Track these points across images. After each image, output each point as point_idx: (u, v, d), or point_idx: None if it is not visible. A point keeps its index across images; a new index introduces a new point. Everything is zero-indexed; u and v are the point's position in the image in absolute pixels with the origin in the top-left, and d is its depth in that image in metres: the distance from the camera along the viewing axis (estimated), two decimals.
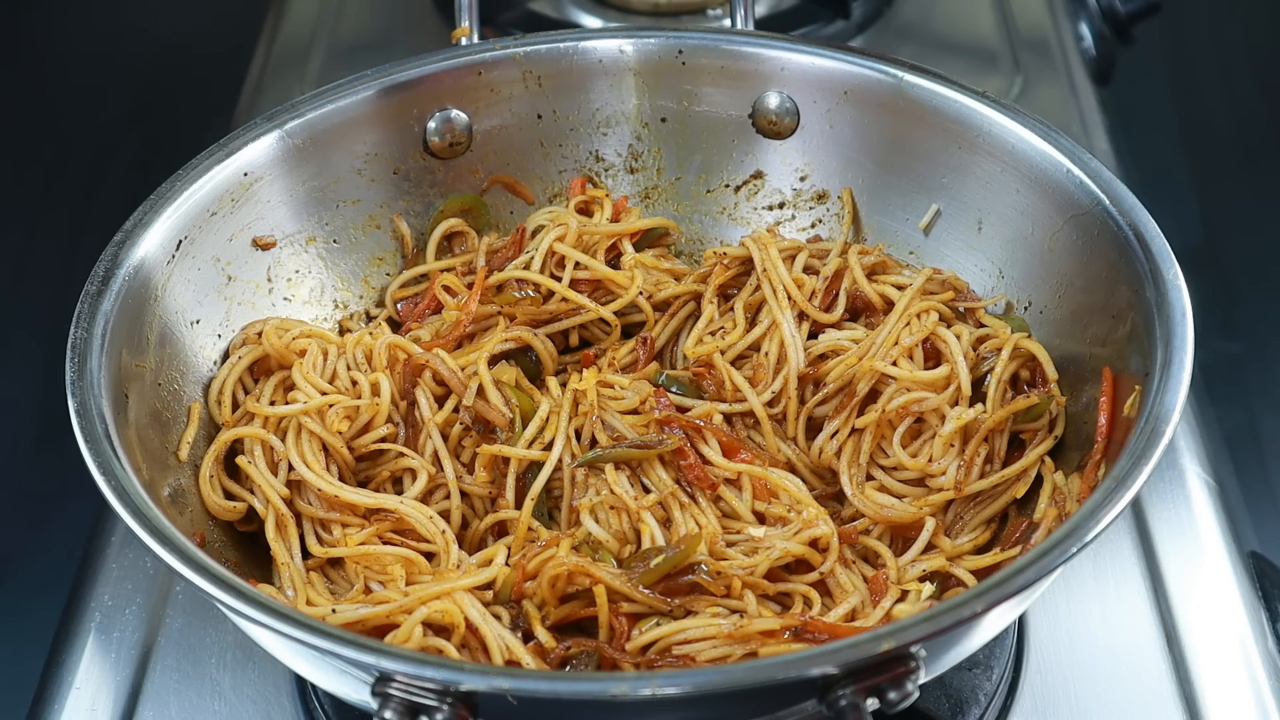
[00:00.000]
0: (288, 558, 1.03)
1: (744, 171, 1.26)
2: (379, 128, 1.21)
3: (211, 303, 1.12)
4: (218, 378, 1.10)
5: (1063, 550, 0.82)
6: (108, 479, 0.89)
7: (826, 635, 0.92)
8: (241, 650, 1.10)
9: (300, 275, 1.19)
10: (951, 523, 1.05)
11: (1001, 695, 1.06)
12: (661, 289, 1.19)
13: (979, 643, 0.91)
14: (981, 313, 1.13)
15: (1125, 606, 1.12)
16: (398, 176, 1.23)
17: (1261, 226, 1.86)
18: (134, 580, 1.16)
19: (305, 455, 1.05)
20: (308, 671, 0.90)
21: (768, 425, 1.09)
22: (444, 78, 1.21)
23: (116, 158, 1.90)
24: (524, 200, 1.27)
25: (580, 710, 0.82)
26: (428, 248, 1.23)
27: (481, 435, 1.08)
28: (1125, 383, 0.98)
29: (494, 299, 1.17)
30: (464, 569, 1.01)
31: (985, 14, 1.75)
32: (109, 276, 1.02)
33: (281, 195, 1.17)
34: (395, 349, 1.12)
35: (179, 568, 0.84)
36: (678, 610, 0.97)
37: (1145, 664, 1.08)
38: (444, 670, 0.77)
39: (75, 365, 0.96)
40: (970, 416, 1.04)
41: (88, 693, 1.09)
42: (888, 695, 0.78)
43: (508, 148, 1.25)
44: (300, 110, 1.17)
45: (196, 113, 1.85)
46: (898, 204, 1.20)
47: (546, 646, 0.95)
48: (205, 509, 1.04)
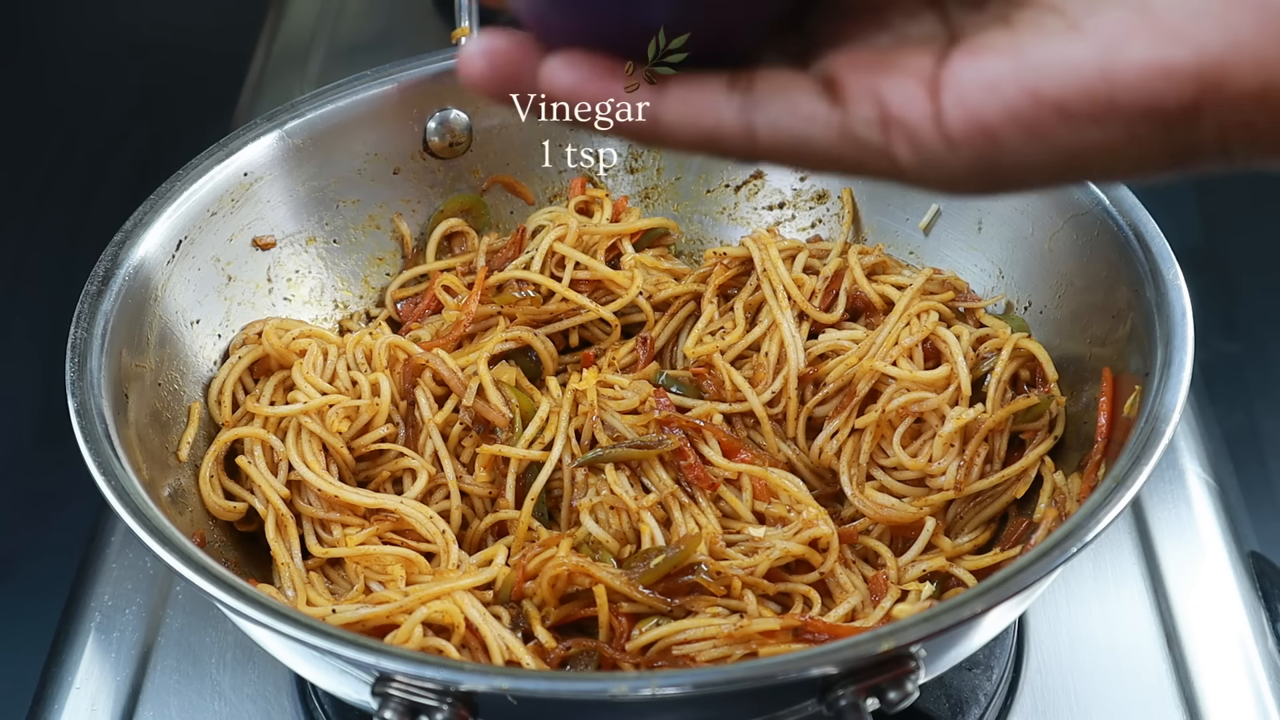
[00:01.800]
0: (288, 558, 1.03)
1: (744, 171, 1.26)
2: (379, 128, 1.21)
3: (211, 303, 1.12)
4: (218, 378, 1.10)
5: (1063, 550, 0.82)
6: (108, 479, 0.89)
7: (826, 635, 0.92)
8: (242, 650, 1.10)
9: (300, 275, 1.19)
10: (951, 523, 1.05)
11: (1001, 695, 1.06)
12: (661, 289, 1.19)
13: (979, 643, 0.91)
14: (981, 313, 1.13)
15: (1125, 606, 1.12)
16: (398, 176, 1.23)
17: (1261, 226, 1.86)
18: (134, 580, 1.16)
19: (305, 455, 1.05)
20: (307, 671, 0.90)
21: (768, 425, 1.09)
22: (444, 78, 1.21)
23: (116, 158, 1.90)
24: (524, 200, 1.27)
25: (580, 710, 0.82)
26: (428, 248, 1.23)
27: (481, 435, 1.08)
28: (1125, 383, 0.98)
29: (494, 299, 1.17)
30: (464, 569, 1.01)
31: None
32: (109, 276, 1.02)
33: (281, 195, 1.17)
34: (395, 349, 1.12)
35: (179, 568, 0.84)
36: (678, 610, 0.97)
37: (1145, 664, 1.08)
38: (444, 670, 0.77)
39: (75, 365, 0.96)
40: (970, 416, 1.04)
41: (87, 693, 1.09)
42: (888, 695, 0.78)
43: (508, 148, 1.25)
44: (300, 110, 1.17)
45: (196, 112, 1.85)
46: (898, 204, 1.20)
47: (546, 646, 0.95)
48: (205, 509, 1.04)
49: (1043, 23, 0.51)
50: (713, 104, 0.54)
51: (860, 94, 0.53)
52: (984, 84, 0.51)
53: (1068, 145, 0.51)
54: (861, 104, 0.53)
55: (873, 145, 0.53)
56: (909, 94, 0.52)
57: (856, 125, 0.53)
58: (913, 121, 0.52)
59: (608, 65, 0.54)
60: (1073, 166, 0.51)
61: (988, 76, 0.51)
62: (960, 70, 0.51)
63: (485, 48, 0.55)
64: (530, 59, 0.55)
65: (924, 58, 0.53)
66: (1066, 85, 0.50)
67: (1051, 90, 0.50)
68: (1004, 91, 0.50)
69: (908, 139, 0.52)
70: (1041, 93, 0.50)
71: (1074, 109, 0.50)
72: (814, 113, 0.53)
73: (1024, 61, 0.50)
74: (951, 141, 0.51)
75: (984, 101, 0.51)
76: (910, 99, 0.52)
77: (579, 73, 0.54)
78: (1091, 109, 0.50)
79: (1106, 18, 0.50)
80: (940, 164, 0.52)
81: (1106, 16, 0.50)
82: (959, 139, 0.51)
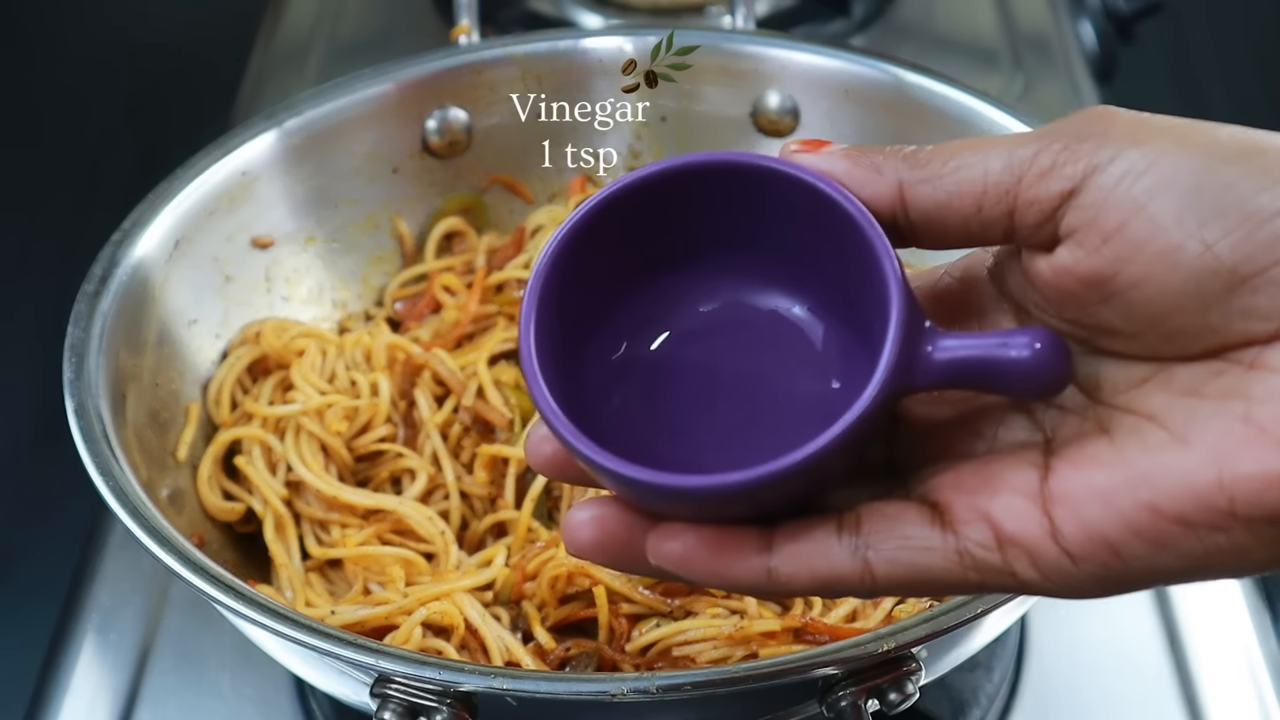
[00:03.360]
0: (286, 559, 1.02)
1: None
2: (378, 127, 1.20)
3: (210, 302, 1.12)
4: (216, 378, 1.10)
5: None
6: (106, 479, 0.89)
7: (827, 636, 0.92)
8: (240, 651, 1.10)
9: (299, 275, 1.18)
10: None
11: (1003, 696, 1.06)
12: None
13: (980, 643, 0.91)
14: None
15: (1127, 606, 1.12)
16: (397, 176, 1.22)
17: None
18: (132, 581, 1.15)
19: (304, 456, 1.05)
20: (306, 673, 0.90)
21: None
22: (443, 76, 1.21)
23: (113, 157, 1.90)
24: (524, 200, 1.26)
25: (580, 711, 0.81)
26: (427, 247, 1.22)
27: (481, 435, 1.08)
28: None
29: (494, 299, 1.16)
30: (463, 570, 1.01)
31: (986, 12, 1.75)
32: (107, 276, 1.02)
33: (280, 194, 1.16)
34: (394, 349, 1.11)
35: (177, 568, 0.83)
36: (678, 611, 0.97)
37: (1147, 665, 1.08)
38: (443, 671, 0.77)
39: (73, 365, 0.96)
40: None
41: (85, 694, 1.09)
42: (888, 696, 0.78)
43: (507, 147, 1.25)
44: (299, 109, 1.17)
45: (194, 112, 1.85)
46: None
47: (546, 647, 0.95)
48: (203, 509, 1.04)
49: (1144, 433, 0.52)
50: (825, 551, 0.54)
51: (969, 517, 0.53)
52: (1098, 499, 0.51)
53: (1194, 552, 0.50)
54: (973, 527, 0.53)
55: (992, 566, 0.52)
56: (1020, 512, 0.52)
57: (972, 549, 0.52)
58: (1030, 541, 0.52)
59: (717, 537, 0.54)
60: (1201, 568, 0.51)
61: (1099, 491, 0.51)
62: (1069, 486, 0.51)
63: (594, 516, 0.57)
64: (638, 532, 0.56)
65: (1026, 470, 0.53)
66: (1183, 499, 0.50)
67: (1169, 505, 0.50)
68: (1120, 507, 0.50)
69: (1028, 557, 0.52)
70: (1159, 507, 0.50)
71: (1195, 520, 0.50)
72: (928, 543, 0.53)
73: (1134, 474, 0.50)
74: (1073, 556, 0.51)
75: (1101, 517, 0.51)
76: (1023, 518, 0.52)
77: (687, 546, 0.55)
78: (1213, 519, 0.49)
79: (1213, 430, 0.50)
80: (1064, 577, 0.52)
81: (1212, 428, 0.50)
82: (1080, 554, 0.51)
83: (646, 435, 0.59)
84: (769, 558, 0.54)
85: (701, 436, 0.59)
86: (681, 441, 0.58)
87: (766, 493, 0.53)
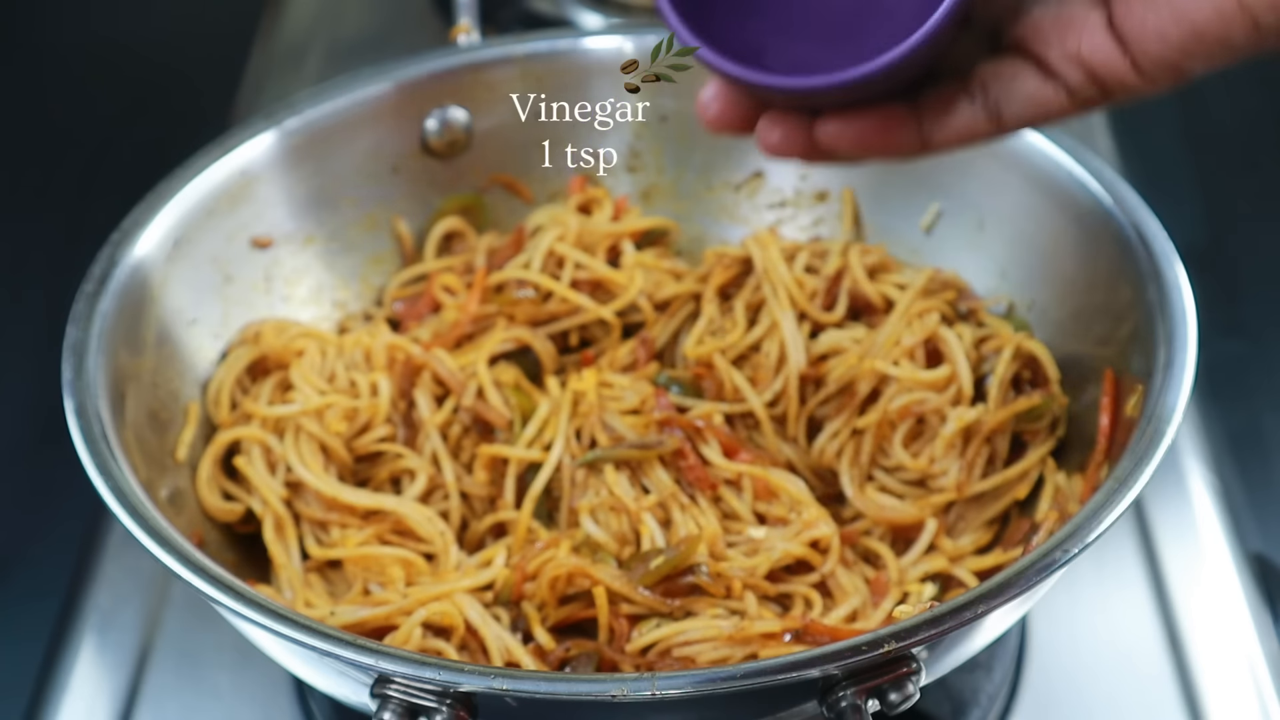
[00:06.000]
0: (286, 559, 1.02)
1: (744, 171, 1.25)
2: (378, 126, 1.20)
3: (209, 302, 1.11)
4: (215, 378, 1.09)
5: (1064, 551, 0.81)
6: (105, 480, 0.89)
7: (827, 637, 0.92)
8: (240, 652, 1.09)
9: (299, 275, 1.18)
10: (953, 524, 1.05)
11: (1003, 696, 1.06)
12: (661, 289, 1.18)
13: (981, 644, 0.91)
14: (983, 313, 1.12)
15: (1127, 607, 1.12)
16: (397, 176, 1.22)
17: (1265, 225, 1.85)
18: (131, 581, 1.15)
19: (304, 456, 1.05)
20: (306, 673, 0.90)
21: (768, 426, 1.09)
22: (443, 76, 1.21)
23: (113, 157, 1.90)
24: (524, 200, 1.26)
25: (580, 711, 0.81)
26: (426, 247, 1.22)
27: (481, 436, 1.08)
28: (1127, 383, 0.98)
29: (493, 299, 1.16)
30: (463, 570, 1.01)
31: None
32: (106, 276, 1.02)
33: (280, 194, 1.16)
34: (394, 349, 1.11)
35: (177, 568, 0.83)
36: (678, 611, 0.97)
37: (1148, 666, 1.08)
38: (443, 671, 0.77)
39: (73, 365, 0.96)
40: (972, 417, 1.03)
41: (85, 694, 1.08)
42: (889, 697, 0.78)
43: (507, 147, 1.25)
44: (298, 109, 1.16)
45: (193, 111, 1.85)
46: (899, 203, 1.20)
47: (546, 648, 0.95)
48: (203, 510, 1.04)
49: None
50: (968, 117, 0.69)
51: (1066, 67, 0.66)
52: (1152, 36, 0.64)
53: (1236, 57, 0.65)
54: (1073, 74, 0.66)
55: (1095, 99, 0.67)
56: (1105, 55, 0.66)
57: (1078, 90, 0.67)
58: (1119, 76, 0.66)
59: (879, 117, 0.70)
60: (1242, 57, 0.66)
61: (1153, 30, 0.64)
62: (1130, 24, 0.65)
63: (715, 94, 0.73)
64: (750, 113, 0.72)
65: (1093, 12, 0.66)
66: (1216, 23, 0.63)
67: (1210, 30, 0.64)
68: (1172, 39, 0.64)
69: (1121, 87, 0.66)
70: (1203, 34, 0.64)
71: (1234, 41, 0.64)
72: (1044, 95, 0.67)
73: (1177, 10, 0.64)
74: (1151, 80, 0.66)
75: (1160, 51, 0.65)
76: (1109, 60, 0.65)
77: (781, 132, 0.71)
78: (1246, 35, 0.64)
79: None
80: (1145, 92, 0.67)
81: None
82: (1155, 78, 0.66)
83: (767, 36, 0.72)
84: (919, 129, 0.70)
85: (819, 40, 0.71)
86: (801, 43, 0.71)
87: (902, 71, 0.64)
